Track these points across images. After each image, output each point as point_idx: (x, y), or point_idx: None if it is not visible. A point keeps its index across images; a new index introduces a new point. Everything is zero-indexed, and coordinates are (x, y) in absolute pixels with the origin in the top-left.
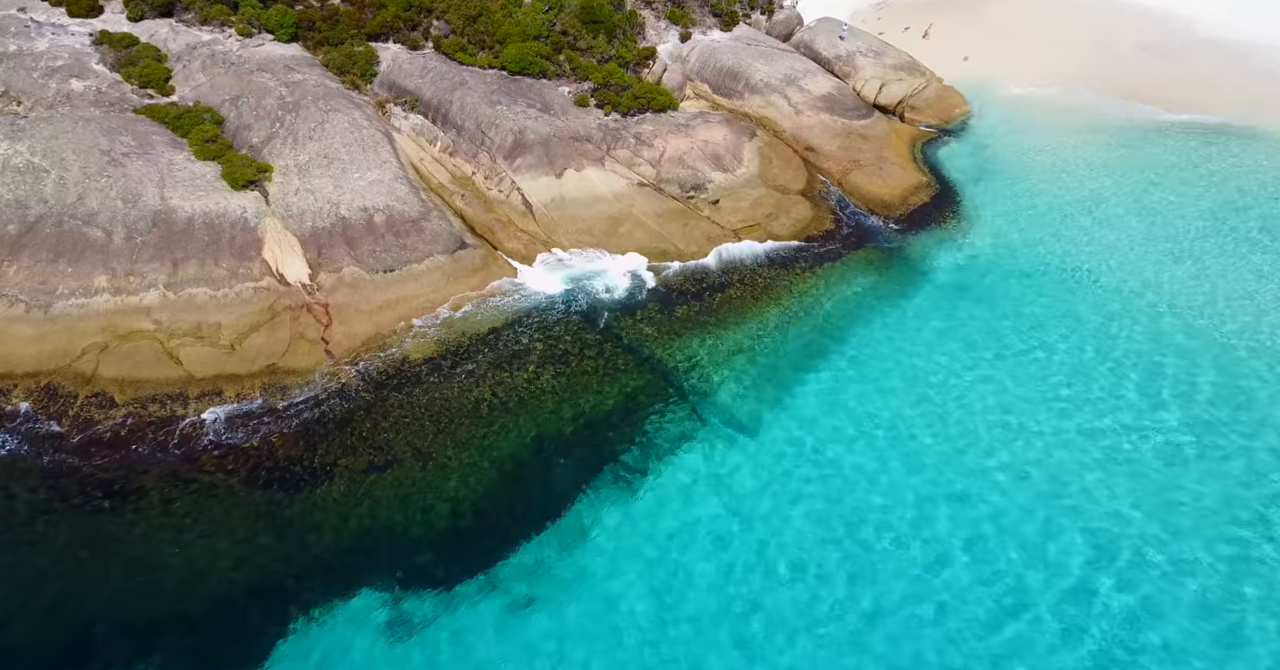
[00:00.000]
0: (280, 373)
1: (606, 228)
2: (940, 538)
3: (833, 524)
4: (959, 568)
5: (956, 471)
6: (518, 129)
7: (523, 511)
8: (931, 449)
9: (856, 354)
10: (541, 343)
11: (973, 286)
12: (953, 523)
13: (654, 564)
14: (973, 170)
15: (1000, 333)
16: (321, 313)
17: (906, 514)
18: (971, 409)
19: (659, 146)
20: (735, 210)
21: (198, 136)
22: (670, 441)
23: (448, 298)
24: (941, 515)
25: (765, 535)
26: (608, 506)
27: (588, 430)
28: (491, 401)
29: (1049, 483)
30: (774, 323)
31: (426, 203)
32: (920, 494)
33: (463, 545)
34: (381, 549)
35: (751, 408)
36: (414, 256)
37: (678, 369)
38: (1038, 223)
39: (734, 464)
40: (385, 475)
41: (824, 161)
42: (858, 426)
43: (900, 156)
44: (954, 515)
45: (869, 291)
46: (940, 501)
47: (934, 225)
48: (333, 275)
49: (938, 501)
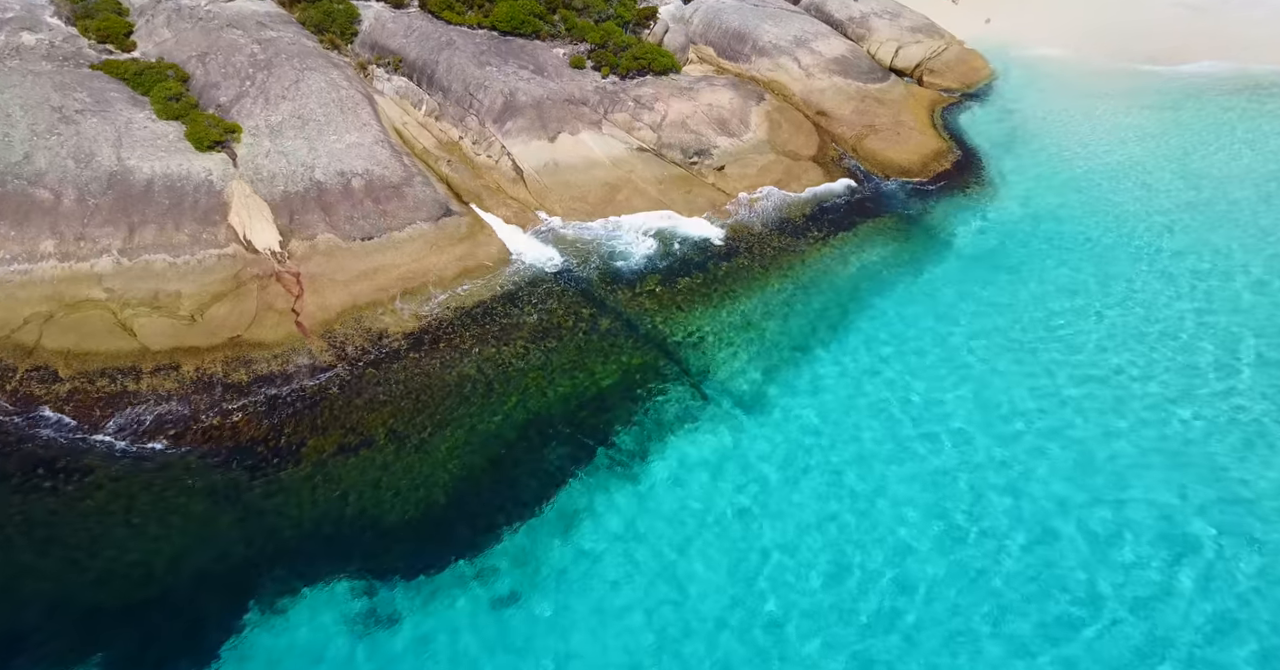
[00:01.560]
0: (245, 346)
1: (603, 194)
2: (997, 532)
3: (853, 514)
4: (1019, 562)
5: (989, 456)
6: (508, 91)
7: (508, 497)
8: (960, 430)
9: (874, 327)
10: (532, 316)
11: (1002, 255)
12: (1002, 518)
13: (652, 554)
14: (998, 135)
15: (1034, 302)
16: (292, 282)
17: (948, 504)
18: (1002, 384)
19: (660, 110)
20: (742, 177)
21: (160, 94)
22: (671, 423)
23: (431, 268)
24: (993, 506)
25: (775, 524)
26: (602, 492)
27: (581, 410)
28: (476, 379)
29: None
30: (784, 295)
31: (409, 168)
32: (955, 483)
33: (441, 533)
34: (352, 536)
35: (760, 386)
36: (395, 224)
37: (680, 344)
38: (1072, 189)
39: (741, 446)
40: (357, 456)
41: (837, 126)
42: (877, 405)
43: (919, 121)
44: (992, 507)
45: (887, 261)
46: (983, 491)
47: (957, 192)
48: (306, 243)
49: (980, 490)
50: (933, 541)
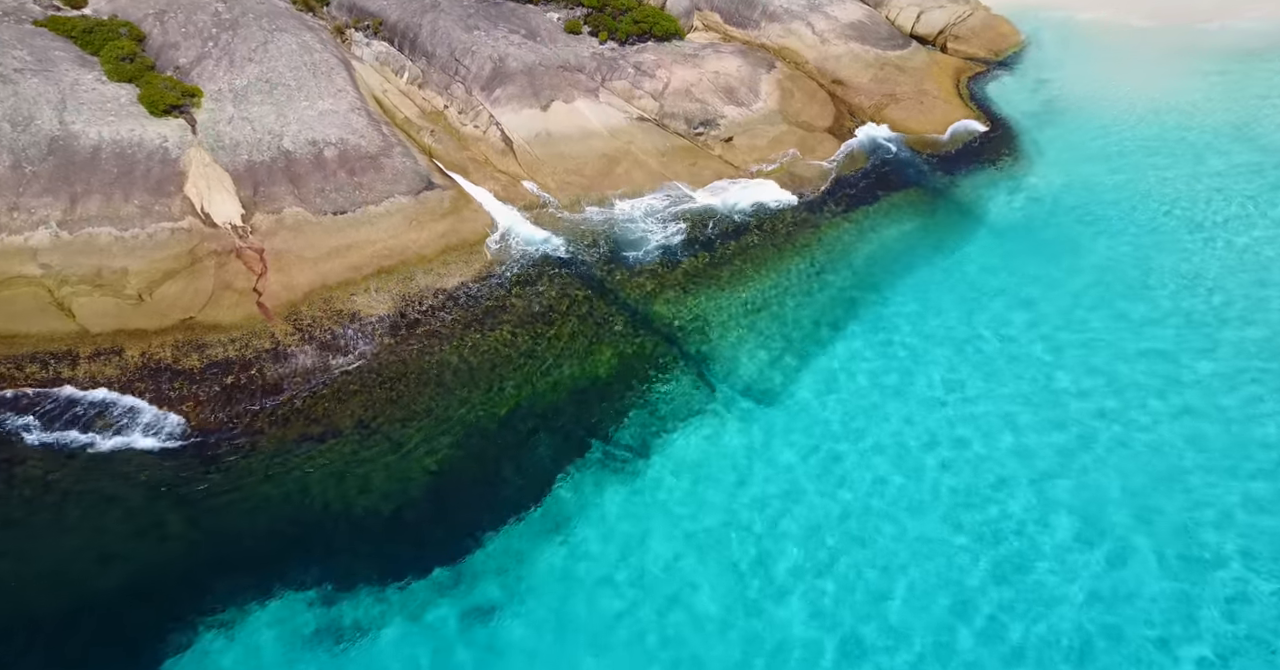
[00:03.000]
0: (198, 328)
1: (600, 167)
2: (1033, 550)
3: (876, 519)
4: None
5: (1025, 460)
6: (498, 56)
7: (490, 496)
8: (992, 430)
9: (897, 311)
10: (520, 298)
11: (1038, 231)
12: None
13: (651, 566)
14: (1031, 105)
15: (1075, 281)
16: (255, 259)
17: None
18: (1039, 375)
19: (662, 77)
20: (752, 148)
21: (111, 54)
22: (673, 415)
23: (410, 245)
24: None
25: (787, 528)
26: (594, 491)
27: (573, 401)
28: (457, 367)
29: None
30: (799, 275)
31: (388, 137)
32: (1006, 493)
33: (414, 535)
34: (313, 538)
35: (770, 375)
36: (371, 197)
37: (683, 330)
38: (1115, 161)
39: (749, 441)
40: (322, 449)
41: (854, 96)
42: (901, 399)
43: (944, 90)
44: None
45: (911, 239)
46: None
47: (987, 164)
48: (271, 217)
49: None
50: (986, 572)
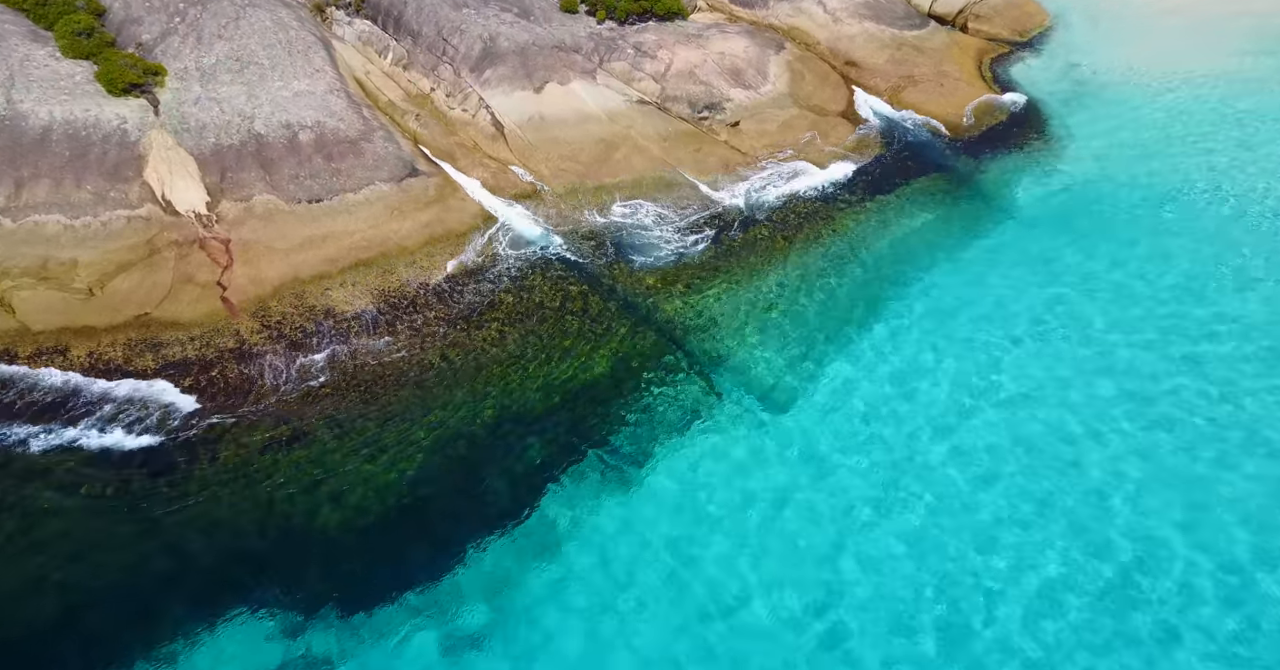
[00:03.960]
0: (155, 326)
1: (597, 153)
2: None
3: (898, 538)
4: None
5: (1060, 471)
6: (488, 35)
7: (475, 508)
8: (1030, 444)
9: (919, 307)
10: (510, 294)
11: (1071, 221)
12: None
13: (647, 584)
14: (1059, 88)
15: (1114, 276)
16: (220, 250)
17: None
18: (1077, 381)
19: (664, 58)
20: (761, 134)
21: (67, 28)
22: (675, 421)
23: (391, 236)
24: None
25: (800, 549)
26: (589, 504)
27: (567, 405)
28: (440, 367)
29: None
30: (812, 269)
31: (370, 121)
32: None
33: (390, 552)
34: (277, 556)
35: (782, 378)
36: (349, 184)
37: (687, 329)
38: (1153, 146)
39: (757, 450)
40: (290, 456)
41: (869, 78)
42: (922, 404)
43: (965, 72)
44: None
45: (933, 229)
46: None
47: (1014, 149)
48: (239, 204)
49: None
50: (1015, 618)
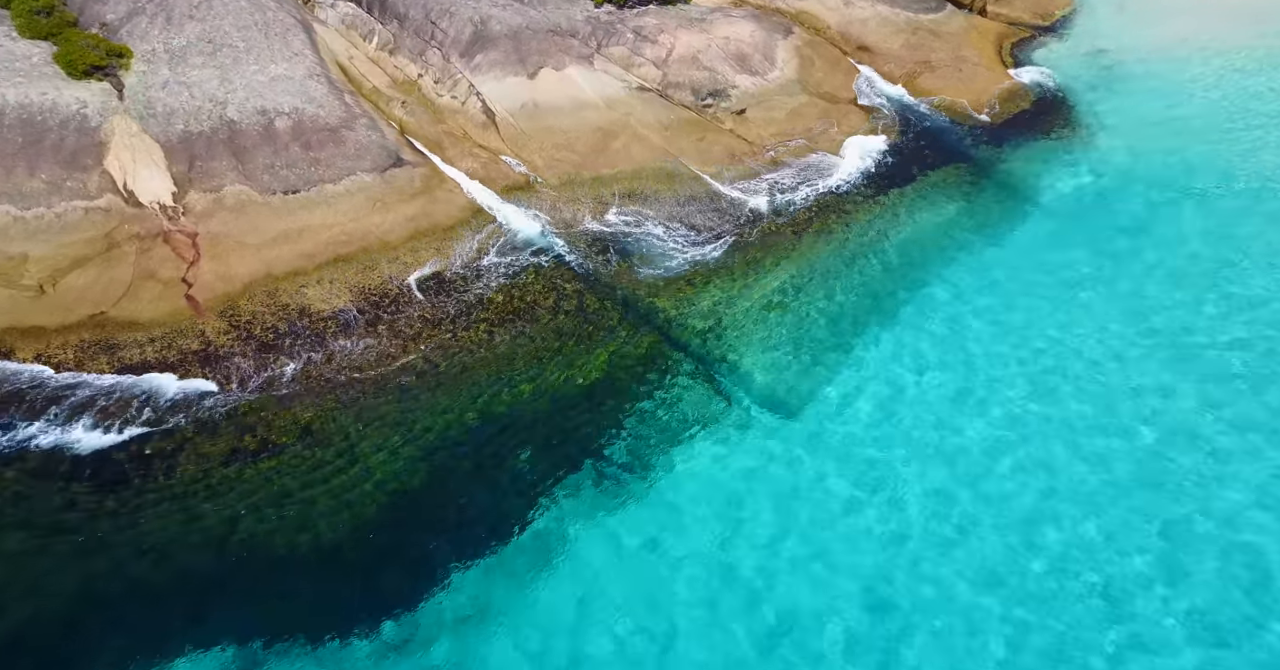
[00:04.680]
0: (110, 326)
1: (594, 142)
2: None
3: (922, 557)
4: None
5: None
6: (479, 18)
7: (457, 525)
8: (1056, 458)
9: (938, 306)
10: (500, 293)
11: (1102, 214)
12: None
13: (648, 609)
14: (1086, 73)
15: (1154, 274)
16: (186, 245)
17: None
18: (1113, 384)
19: (665, 43)
20: (768, 122)
21: (24, 6)
22: (677, 428)
23: (373, 230)
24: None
25: (816, 569)
26: (584, 521)
27: (560, 411)
28: (423, 370)
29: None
30: (824, 265)
31: (351, 107)
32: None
33: (362, 575)
34: (239, 580)
35: (792, 381)
36: (329, 175)
37: (690, 329)
38: (1190, 133)
39: (767, 459)
40: (256, 468)
41: (883, 64)
42: (942, 411)
43: (985, 57)
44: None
45: (954, 222)
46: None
47: (1039, 138)
48: (209, 195)
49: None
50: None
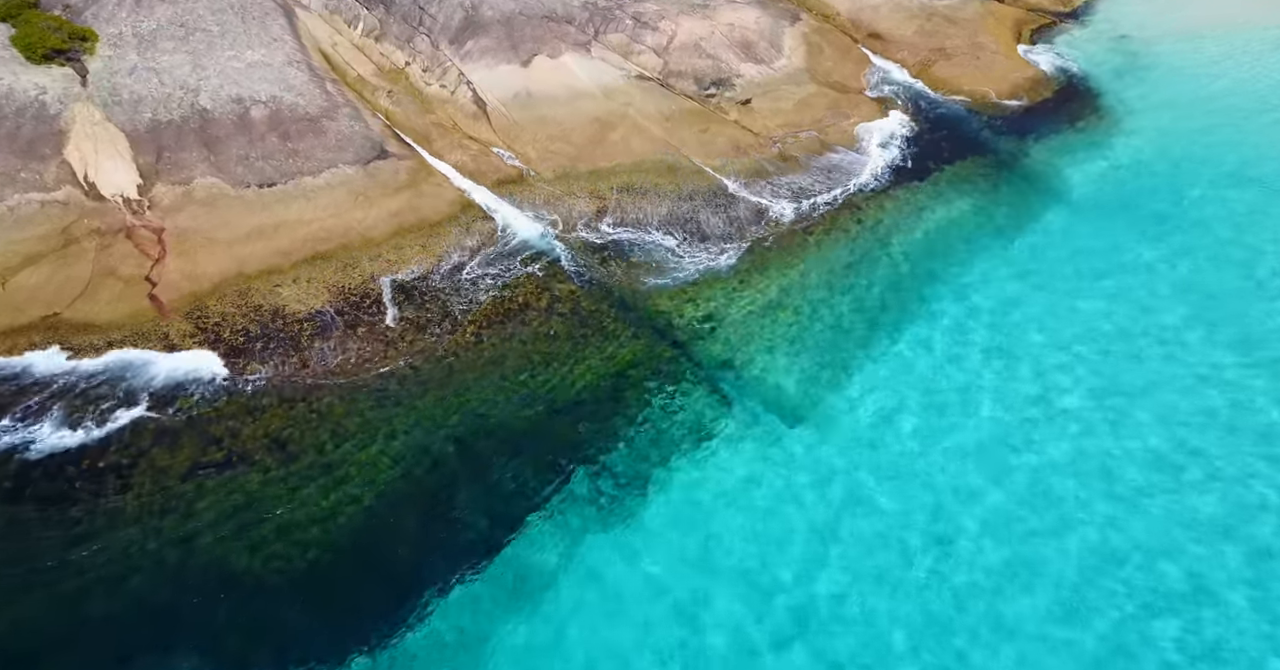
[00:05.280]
0: (64, 328)
1: (591, 134)
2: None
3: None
4: None
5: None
6: (470, 3)
7: (439, 546)
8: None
9: (959, 308)
10: (489, 293)
11: (1131, 207)
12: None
13: (651, 645)
14: (1110, 59)
15: (1182, 270)
16: (150, 241)
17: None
18: (1146, 392)
19: (666, 30)
20: (775, 112)
21: None
22: (679, 438)
23: (354, 225)
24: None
25: (834, 602)
26: (576, 540)
27: (552, 419)
28: (405, 375)
29: None
30: (836, 265)
31: (333, 96)
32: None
33: (335, 601)
34: (199, 607)
35: (803, 387)
36: (308, 167)
37: (693, 332)
38: (1220, 121)
39: (776, 471)
40: (221, 482)
41: (896, 51)
42: (963, 418)
43: (1003, 44)
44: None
45: (974, 218)
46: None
47: (1063, 128)
48: (177, 188)
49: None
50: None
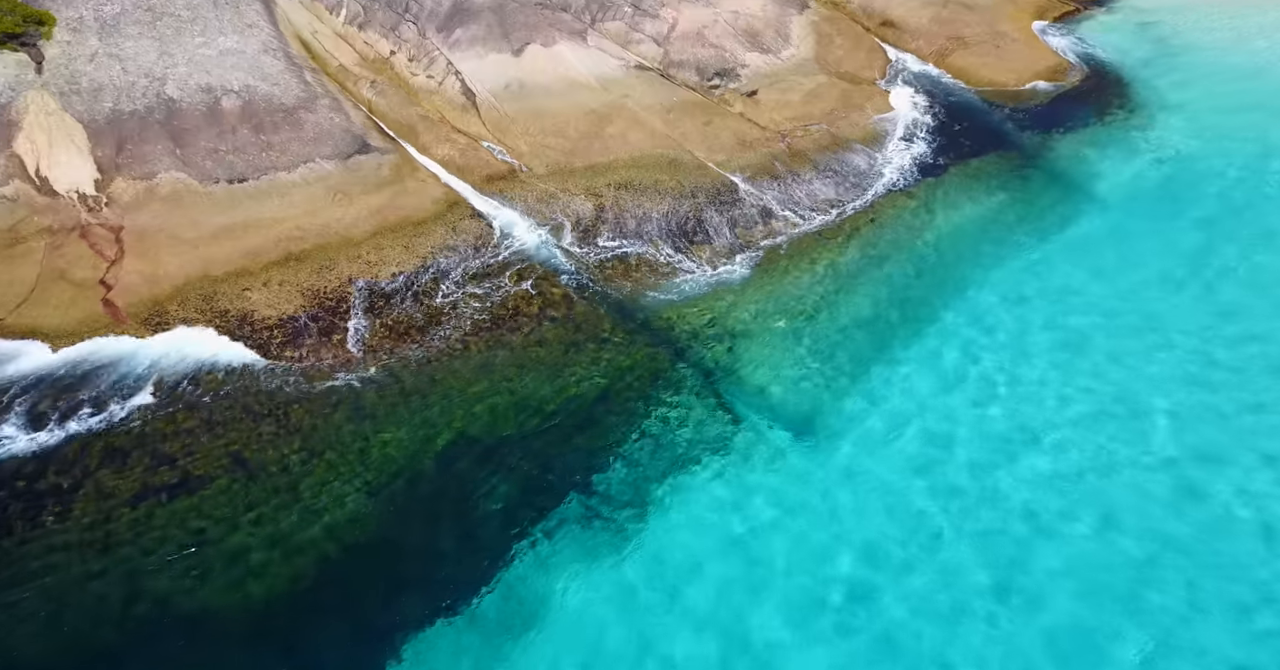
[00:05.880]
0: (7, 334)
1: (587, 126)
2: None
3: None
4: None
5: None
6: None
7: (418, 577)
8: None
9: (979, 314)
10: (476, 297)
11: (1169, 206)
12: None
13: None
14: (1138, 46)
15: (1227, 285)
16: (108, 240)
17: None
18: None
19: (667, 18)
20: (783, 105)
21: None
22: (681, 455)
23: (332, 224)
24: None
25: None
26: (568, 570)
27: (544, 435)
28: (385, 385)
29: None
30: (850, 268)
31: (312, 86)
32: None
33: (298, 643)
34: (141, 652)
35: (814, 399)
36: (283, 161)
37: (696, 339)
38: (1262, 112)
39: (787, 492)
40: (173, 506)
41: (910, 40)
42: (984, 435)
43: (1024, 32)
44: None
45: (996, 218)
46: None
47: (1091, 121)
48: (139, 184)
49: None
50: None
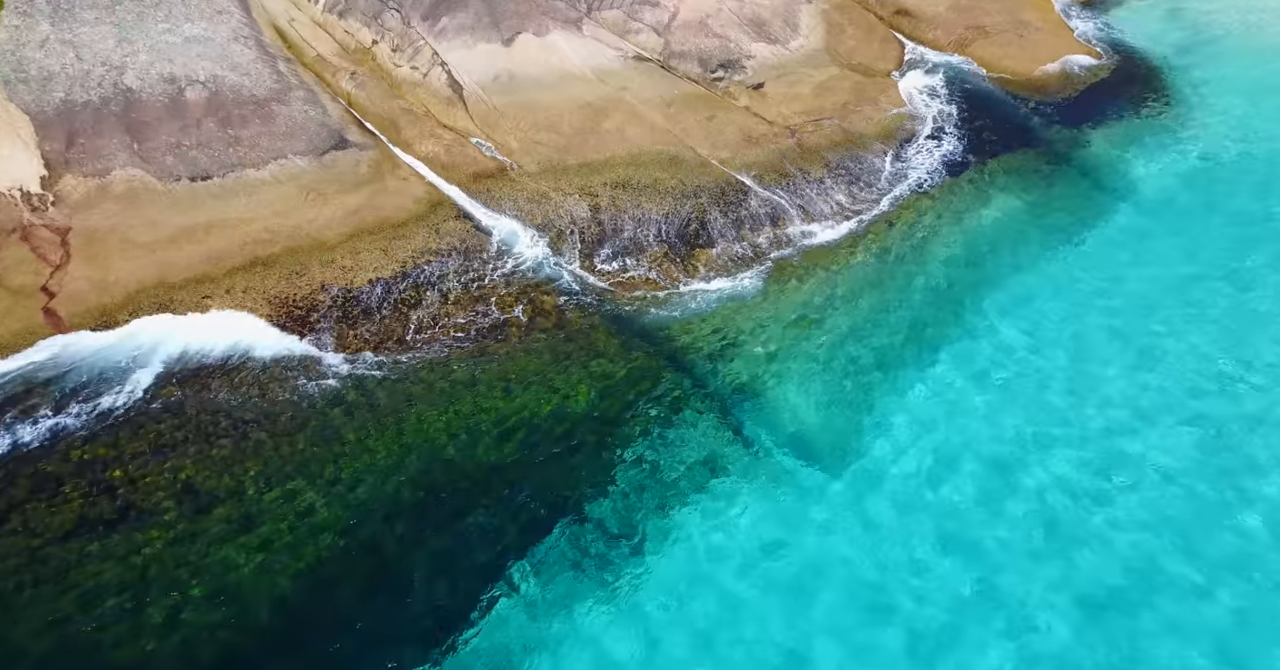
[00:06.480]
0: None
1: (582, 121)
2: None
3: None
4: None
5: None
6: None
7: (386, 625)
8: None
9: (1006, 326)
10: (459, 305)
11: (1212, 208)
12: None
13: None
14: (1174, 35)
15: None
16: (52, 243)
17: None
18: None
19: (668, 7)
20: (791, 98)
21: None
22: (681, 480)
23: (304, 225)
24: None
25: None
26: (555, 614)
27: (528, 458)
28: (354, 403)
29: None
30: (863, 274)
31: (285, 77)
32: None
33: None
34: None
35: (827, 420)
36: (251, 158)
37: (699, 352)
38: None
39: (799, 526)
40: (109, 542)
41: (927, 30)
42: (1015, 457)
43: (1047, 20)
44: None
45: (1021, 220)
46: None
47: (1124, 115)
48: (91, 181)
49: None
50: None
